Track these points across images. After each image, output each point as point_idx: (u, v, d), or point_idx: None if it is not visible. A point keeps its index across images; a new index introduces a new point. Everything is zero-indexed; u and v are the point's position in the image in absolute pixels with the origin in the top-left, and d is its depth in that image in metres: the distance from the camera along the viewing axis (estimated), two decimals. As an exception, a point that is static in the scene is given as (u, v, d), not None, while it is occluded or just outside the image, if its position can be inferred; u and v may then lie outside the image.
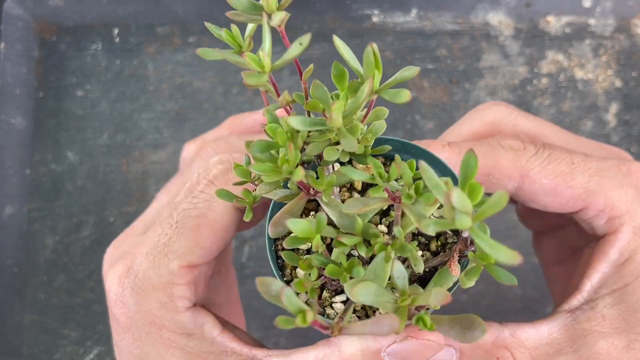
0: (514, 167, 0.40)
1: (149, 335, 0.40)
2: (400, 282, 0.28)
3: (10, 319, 0.66)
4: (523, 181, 0.40)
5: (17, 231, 0.68)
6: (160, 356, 0.40)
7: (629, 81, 0.72)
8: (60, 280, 0.67)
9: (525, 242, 0.67)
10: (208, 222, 0.40)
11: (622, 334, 0.38)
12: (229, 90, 0.72)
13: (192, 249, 0.40)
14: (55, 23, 0.74)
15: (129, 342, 0.42)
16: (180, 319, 0.40)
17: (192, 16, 0.74)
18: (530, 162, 0.40)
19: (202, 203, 0.40)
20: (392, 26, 0.73)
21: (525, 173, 0.40)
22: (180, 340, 0.40)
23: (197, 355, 0.40)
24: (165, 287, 0.40)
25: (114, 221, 0.68)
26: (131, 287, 0.40)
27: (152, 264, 0.40)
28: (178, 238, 0.40)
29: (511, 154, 0.40)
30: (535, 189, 0.40)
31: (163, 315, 0.40)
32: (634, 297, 0.39)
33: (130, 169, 0.70)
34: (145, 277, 0.40)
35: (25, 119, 0.71)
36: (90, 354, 0.66)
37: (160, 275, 0.40)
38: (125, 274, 0.41)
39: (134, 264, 0.40)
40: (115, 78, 0.73)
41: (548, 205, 0.41)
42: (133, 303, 0.40)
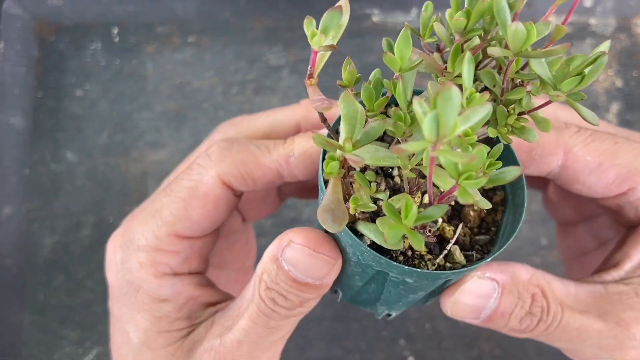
0: (556, 143, 0.39)
1: (126, 296, 0.41)
2: None
3: (10, 319, 0.66)
4: (566, 158, 0.39)
5: (16, 231, 0.68)
6: (131, 317, 0.41)
7: (630, 81, 0.72)
8: (59, 280, 0.67)
9: (526, 242, 0.67)
10: (199, 195, 0.40)
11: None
12: (229, 90, 0.72)
13: (181, 219, 0.40)
14: (55, 23, 0.74)
15: (112, 301, 0.43)
16: (157, 283, 0.41)
17: (192, 16, 0.74)
18: (573, 139, 0.39)
19: (196, 175, 0.40)
20: (393, 26, 0.72)
21: (569, 149, 0.39)
22: (152, 304, 0.41)
23: (165, 321, 0.41)
24: (149, 249, 0.41)
25: (113, 221, 0.68)
26: (120, 246, 0.42)
27: (142, 226, 0.41)
28: (169, 206, 0.40)
29: (553, 130, 0.39)
30: (579, 167, 0.39)
31: (141, 277, 0.41)
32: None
33: (129, 169, 0.70)
34: (134, 238, 0.41)
35: (24, 119, 0.71)
36: (89, 354, 0.66)
37: (146, 238, 0.41)
38: (121, 235, 0.42)
39: (130, 225, 0.42)
40: (114, 78, 0.72)
41: (593, 187, 0.40)
42: (119, 260, 0.42)
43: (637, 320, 0.38)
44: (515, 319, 0.38)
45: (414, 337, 0.66)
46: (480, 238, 0.36)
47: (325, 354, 0.66)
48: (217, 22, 0.74)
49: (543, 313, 0.38)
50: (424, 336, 0.66)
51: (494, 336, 0.66)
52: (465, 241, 0.36)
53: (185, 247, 0.42)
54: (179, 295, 0.41)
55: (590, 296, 0.39)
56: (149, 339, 0.41)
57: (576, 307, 0.38)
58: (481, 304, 0.37)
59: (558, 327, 0.38)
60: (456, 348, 0.65)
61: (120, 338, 0.43)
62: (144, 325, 0.41)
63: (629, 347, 0.38)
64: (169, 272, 0.41)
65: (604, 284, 0.39)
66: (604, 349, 0.38)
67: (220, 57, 0.73)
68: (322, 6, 0.31)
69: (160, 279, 0.41)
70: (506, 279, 0.37)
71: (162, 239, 0.40)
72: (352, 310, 0.66)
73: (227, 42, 0.73)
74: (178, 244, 0.41)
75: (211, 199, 0.40)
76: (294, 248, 0.35)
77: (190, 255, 0.43)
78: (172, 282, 0.41)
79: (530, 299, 0.38)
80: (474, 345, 0.65)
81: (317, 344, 0.66)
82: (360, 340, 0.66)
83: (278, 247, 0.36)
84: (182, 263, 0.42)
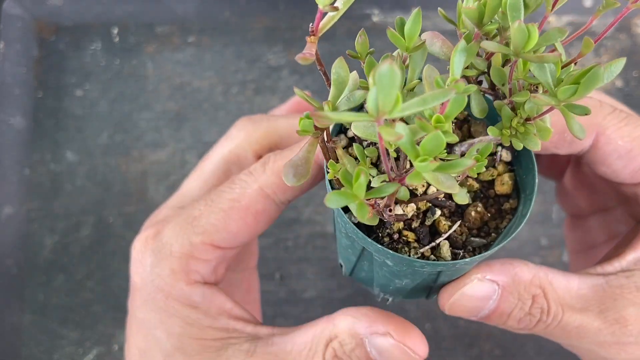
0: (590, 123, 0.39)
1: (154, 301, 0.41)
2: None
3: (9, 319, 0.66)
4: (598, 139, 0.39)
5: (16, 231, 0.68)
6: (161, 323, 0.41)
7: (630, 81, 0.72)
8: (59, 280, 0.67)
9: (526, 242, 0.67)
10: (241, 207, 0.40)
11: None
12: (229, 89, 0.72)
13: (219, 229, 0.40)
14: (55, 23, 0.74)
15: (136, 304, 0.43)
16: (188, 290, 0.41)
17: (192, 16, 0.74)
18: (607, 120, 0.39)
19: (238, 189, 0.41)
20: (393, 26, 0.72)
21: (602, 131, 0.39)
22: (183, 310, 0.41)
23: (197, 328, 0.41)
24: (183, 257, 0.41)
25: (113, 221, 0.68)
26: (152, 250, 0.41)
27: (178, 232, 0.41)
28: (208, 215, 0.41)
29: None
30: (609, 150, 0.39)
31: (172, 283, 0.41)
32: None
33: (129, 169, 0.70)
34: (167, 243, 0.41)
35: (24, 119, 0.71)
36: (89, 354, 0.66)
37: (181, 244, 0.41)
38: (152, 238, 0.42)
39: (164, 229, 0.42)
40: (114, 78, 0.72)
41: (618, 171, 0.40)
42: (149, 264, 0.41)
43: (636, 317, 0.38)
44: (513, 319, 0.38)
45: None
46: (475, 240, 0.36)
47: (325, 354, 0.66)
48: (217, 22, 0.74)
49: (543, 314, 0.38)
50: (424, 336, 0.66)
51: (494, 336, 0.66)
52: (458, 239, 0.36)
53: (218, 257, 0.42)
54: (210, 304, 0.41)
55: (592, 290, 0.39)
56: (183, 345, 0.41)
57: (577, 305, 0.38)
58: (481, 305, 0.37)
59: (557, 327, 0.38)
60: (456, 348, 0.65)
61: (145, 342, 0.42)
62: (177, 330, 0.41)
63: (626, 343, 0.38)
64: (199, 280, 0.42)
65: (606, 277, 0.39)
66: (602, 346, 0.38)
67: (220, 57, 0.73)
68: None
69: (191, 286, 0.41)
70: (507, 280, 0.37)
71: (197, 247, 0.40)
72: (352, 310, 0.65)
73: (227, 42, 0.73)
74: (211, 253, 0.41)
75: (252, 212, 0.41)
76: (390, 342, 0.37)
77: (220, 264, 0.43)
78: (202, 291, 0.41)
79: (530, 300, 0.37)
80: (474, 345, 0.65)
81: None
82: (360, 340, 0.66)
83: (366, 328, 0.37)
84: (212, 272, 0.42)
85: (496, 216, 0.37)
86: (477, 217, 0.36)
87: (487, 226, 0.37)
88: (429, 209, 0.36)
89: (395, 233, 0.35)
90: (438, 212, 0.36)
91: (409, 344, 0.37)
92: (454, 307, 0.38)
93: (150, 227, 0.43)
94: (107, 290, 0.67)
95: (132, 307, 0.44)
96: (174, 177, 0.69)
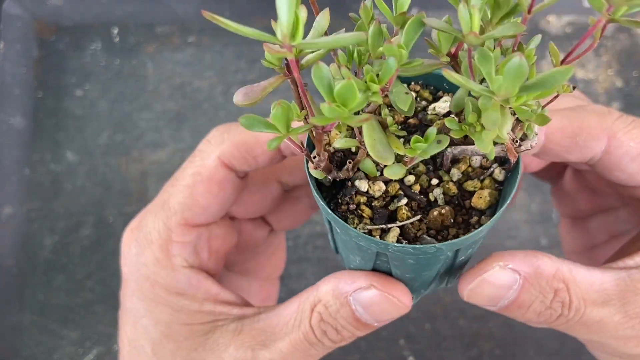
0: (600, 128, 0.39)
1: (141, 290, 0.41)
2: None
3: (10, 319, 0.66)
4: (610, 143, 0.39)
5: (16, 231, 0.68)
6: (148, 311, 0.41)
7: (630, 81, 0.72)
8: (59, 280, 0.67)
9: (526, 242, 0.67)
10: (203, 179, 0.41)
11: None
12: (229, 89, 0.72)
13: (189, 206, 0.41)
14: (55, 23, 0.74)
15: (126, 295, 0.43)
16: (174, 277, 0.41)
17: (192, 16, 0.74)
18: (617, 124, 0.39)
19: (198, 161, 0.41)
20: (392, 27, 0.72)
21: (613, 134, 0.39)
22: (170, 297, 0.41)
23: (185, 314, 0.41)
24: (163, 243, 0.41)
25: (113, 221, 0.68)
26: (136, 240, 0.42)
27: (154, 219, 0.41)
28: (176, 195, 0.41)
29: (596, 116, 0.39)
30: (621, 154, 0.39)
31: (157, 271, 0.41)
32: None
33: (129, 169, 0.70)
34: (147, 232, 0.41)
35: (24, 119, 0.71)
36: (89, 354, 0.66)
37: (158, 230, 0.41)
38: (135, 228, 0.43)
39: (143, 219, 0.42)
40: (114, 78, 0.72)
41: (634, 174, 0.40)
42: (134, 255, 0.42)
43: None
44: (533, 312, 0.38)
45: (413, 337, 0.66)
46: (427, 239, 0.35)
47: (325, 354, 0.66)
48: (217, 22, 0.74)
49: (564, 308, 0.37)
50: (424, 336, 0.66)
51: (494, 336, 0.66)
52: (411, 232, 0.35)
53: (195, 236, 0.42)
54: (197, 289, 0.41)
55: (614, 284, 0.38)
56: (171, 331, 0.41)
57: (599, 299, 0.38)
58: (500, 294, 0.37)
59: (579, 322, 0.38)
60: (456, 348, 0.65)
61: (134, 332, 0.43)
62: (165, 318, 0.41)
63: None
64: (184, 264, 0.42)
65: (628, 270, 0.39)
66: (620, 340, 0.38)
67: (220, 57, 0.73)
68: (322, 6, 0.31)
69: (175, 271, 0.41)
70: (529, 272, 0.37)
71: (173, 229, 0.41)
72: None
73: (227, 42, 0.73)
74: (188, 234, 0.42)
75: (215, 182, 0.41)
76: (374, 293, 0.36)
77: (201, 246, 0.43)
78: (188, 275, 0.41)
79: (552, 294, 0.37)
80: (474, 345, 0.65)
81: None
82: (360, 340, 0.66)
83: (349, 285, 0.37)
84: (193, 253, 0.42)
85: (461, 226, 0.36)
86: (439, 219, 0.35)
87: (447, 231, 0.36)
88: (397, 196, 0.36)
89: (353, 204, 0.35)
90: (404, 200, 0.35)
91: (393, 293, 0.36)
92: (474, 294, 0.38)
93: (135, 219, 0.44)
94: (107, 290, 0.67)
95: (122, 299, 0.44)
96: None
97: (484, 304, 0.38)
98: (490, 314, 0.66)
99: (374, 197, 0.35)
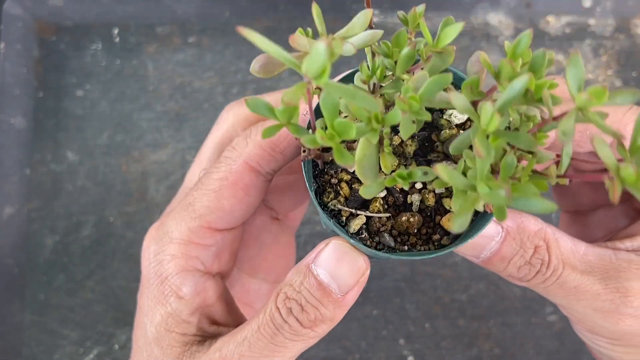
0: (611, 121, 0.39)
1: (151, 288, 0.42)
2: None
3: (10, 319, 0.66)
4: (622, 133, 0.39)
5: (16, 231, 0.68)
6: (149, 309, 0.42)
7: (630, 81, 0.72)
8: (59, 280, 0.67)
9: (525, 242, 0.67)
10: (229, 184, 0.41)
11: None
12: (229, 90, 0.72)
13: (213, 210, 0.41)
14: (55, 23, 0.74)
15: (142, 294, 0.43)
16: (182, 277, 0.41)
17: (192, 16, 0.74)
18: (627, 117, 0.39)
19: (224, 166, 0.41)
20: (392, 26, 0.72)
21: (623, 127, 0.39)
22: (169, 298, 0.41)
23: (174, 320, 0.41)
24: (182, 242, 0.41)
25: (113, 221, 0.68)
26: (154, 239, 0.42)
27: (177, 220, 0.42)
28: (201, 198, 0.41)
29: (610, 107, 0.39)
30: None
31: (170, 269, 0.41)
32: None
33: (130, 169, 0.70)
34: (168, 231, 0.42)
35: (24, 119, 0.71)
36: (90, 354, 0.66)
37: (180, 231, 0.41)
38: (156, 229, 0.43)
39: (167, 220, 0.43)
40: (115, 78, 0.72)
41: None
42: (152, 252, 0.42)
43: (638, 291, 0.38)
44: (513, 266, 0.38)
45: (413, 336, 0.66)
46: (386, 238, 0.36)
47: (325, 354, 0.66)
48: (217, 23, 0.74)
49: (542, 266, 0.38)
50: (424, 336, 0.66)
51: (493, 336, 0.66)
52: (375, 227, 0.36)
53: (218, 240, 0.42)
54: (196, 296, 0.41)
55: (597, 258, 0.39)
56: (160, 335, 0.41)
57: (579, 266, 0.38)
58: (483, 243, 0.38)
59: (555, 283, 0.38)
60: (456, 348, 0.65)
61: (139, 330, 0.43)
62: (157, 319, 0.41)
63: (625, 314, 0.38)
64: (200, 267, 0.42)
65: (615, 251, 0.39)
66: (599, 311, 0.39)
67: (220, 57, 0.73)
68: (322, 6, 0.31)
69: (186, 272, 0.41)
70: (512, 226, 0.38)
71: (195, 232, 0.41)
72: (352, 310, 0.66)
73: (227, 43, 0.73)
74: (211, 237, 0.42)
75: (241, 186, 0.41)
76: (329, 249, 0.36)
77: (222, 249, 0.43)
78: (195, 280, 0.41)
79: (532, 250, 0.38)
80: (473, 345, 0.65)
81: (317, 344, 0.66)
82: (360, 340, 0.66)
83: (311, 254, 0.37)
84: (214, 257, 0.43)
85: (422, 237, 0.36)
86: (404, 224, 0.36)
87: (407, 237, 0.36)
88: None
89: (335, 179, 0.36)
90: (383, 193, 0.36)
91: (350, 252, 0.36)
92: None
93: (158, 220, 0.44)
94: (108, 290, 0.67)
95: (138, 296, 0.44)
96: (174, 177, 0.69)
97: (468, 253, 0.39)
98: (490, 314, 0.66)
99: (357, 178, 0.36)
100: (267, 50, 0.25)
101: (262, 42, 0.23)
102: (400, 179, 0.30)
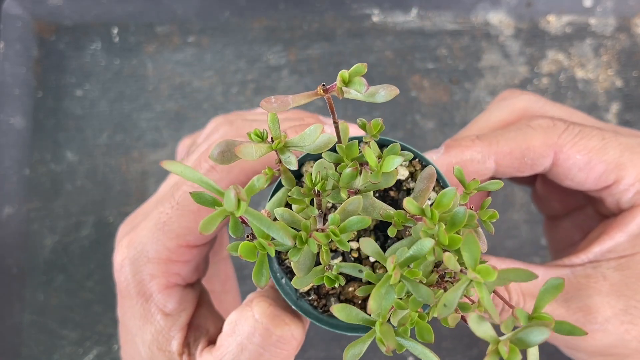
0: (546, 145, 0.40)
1: (134, 307, 0.42)
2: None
3: (10, 319, 0.66)
4: (557, 157, 0.41)
5: (16, 231, 0.68)
6: (139, 329, 0.42)
7: (630, 81, 0.72)
8: (59, 280, 0.67)
9: (526, 242, 0.67)
10: None
11: (621, 297, 0.39)
12: (229, 89, 0.72)
13: (192, 230, 0.41)
14: (55, 22, 0.74)
15: (121, 310, 0.44)
16: (166, 294, 0.41)
17: (192, 16, 0.74)
18: (563, 138, 0.41)
19: None
20: (393, 26, 0.72)
21: (559, 149, 0.41)
22: (157, 316, 0.41)
23: (163, 337, 0.41)
24: (161, 262, 0.41)
25: (113, 221, 0.68)
26: (130, 258, 0.42)
27: (151, 239, 0.41)
28: (178, 219, 0.41)
29: (541, 132, 0.41)
30: (569, 165, 0.41)
31: (152, 288, 0.41)
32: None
33: (129, 169, 0.70)
34: (143, 250, 0.42)
35: (24, 119, 0.71)
36: (89, 354, 0.66)
37: (156, 250, 0.41)
38: (128, 245, 0.43)
39: (137, 236, 0.42)
40: (114, 78, 0.72)
41: (582, 182, 0.42)
42: (129, 272, 0.42)
43: (602, 304, 0.39)
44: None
45: (413, 336, 0.66)
46: (332, 303, 0.37)
47: (325, 354, 0.66)
48: (217, 22, 0.74)
49: (505, 304, 0.38)
50: (424, 336, 0.66)
51: (493, 336, 0.66)
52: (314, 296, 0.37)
53: (196, 255, 0.42)
54: (182, 311, 0.42)
55: None
56: (153, 354, 0.41)
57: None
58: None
59: None
60: (456, 348, 0.65)
61: (131, 349, 0.43)
62: (148, 338, 0.41)
63: (593, 330, 0.39)
64: (180, 282, 0.42)
65: (572, 268, 0.40)
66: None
67: (220, 57, 0.73)
68: (322, 6, 0.31)
69: (170, 289, 0.42)
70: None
71: (174, 251, 0.41)
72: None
73: (227, 42, 0.73)
74: (189, 253, 0.42)
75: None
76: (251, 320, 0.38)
77: (200, 261, 0.43)
78: (180, 296, 0.42)
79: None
80: (474, 345, 0.65)
81: (317, 344, 0.66)
82: (360, 340, 0.66)
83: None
84: (194, 270, 0.43)
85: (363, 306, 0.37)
86: (351, 294, 0.37)
87: (353, 303, 0.37)
88: (336, 251, 0.37)
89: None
90: (338, 259, 0.37)
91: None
92: None
93: (128, 233, 0.44)
94: (107, 290, 0.67)
95: (120, 315, 0.44)
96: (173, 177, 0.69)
97: None
98: (490, 314, 0.66)
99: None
100: (191, 179, 0.27)
101: (184, 171, 0.26)
102: (328, 283, 0.32)
